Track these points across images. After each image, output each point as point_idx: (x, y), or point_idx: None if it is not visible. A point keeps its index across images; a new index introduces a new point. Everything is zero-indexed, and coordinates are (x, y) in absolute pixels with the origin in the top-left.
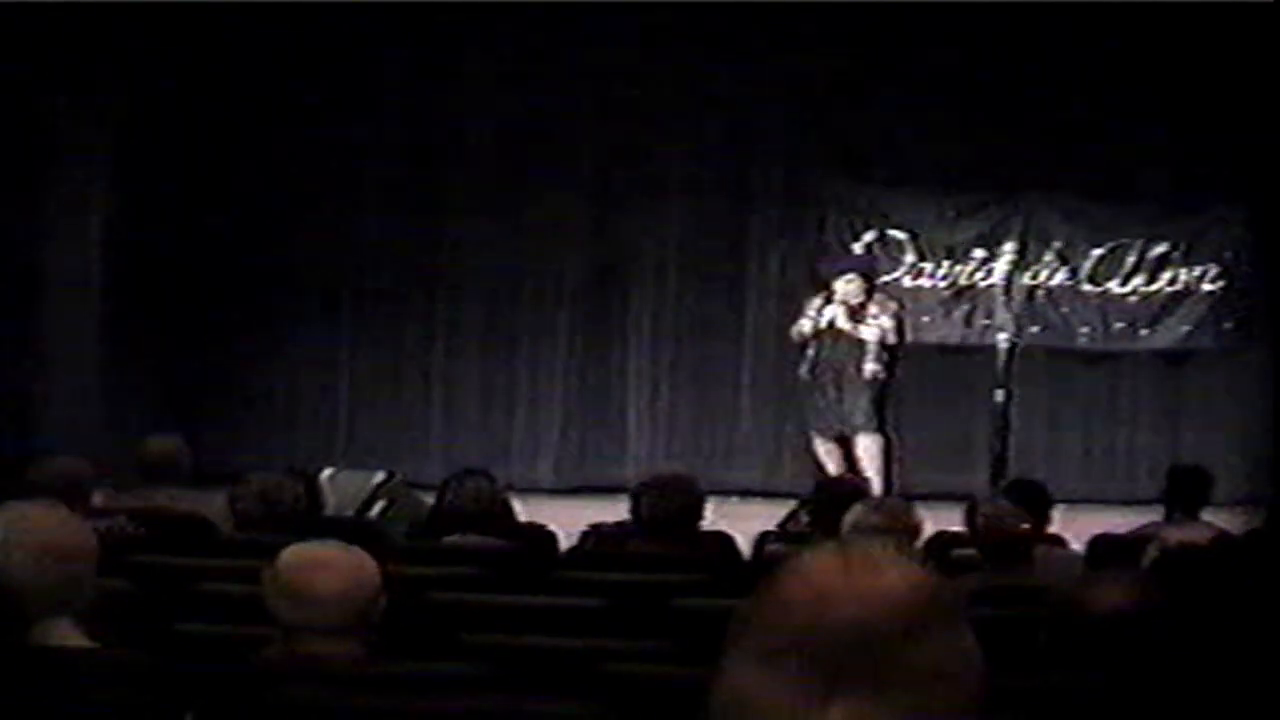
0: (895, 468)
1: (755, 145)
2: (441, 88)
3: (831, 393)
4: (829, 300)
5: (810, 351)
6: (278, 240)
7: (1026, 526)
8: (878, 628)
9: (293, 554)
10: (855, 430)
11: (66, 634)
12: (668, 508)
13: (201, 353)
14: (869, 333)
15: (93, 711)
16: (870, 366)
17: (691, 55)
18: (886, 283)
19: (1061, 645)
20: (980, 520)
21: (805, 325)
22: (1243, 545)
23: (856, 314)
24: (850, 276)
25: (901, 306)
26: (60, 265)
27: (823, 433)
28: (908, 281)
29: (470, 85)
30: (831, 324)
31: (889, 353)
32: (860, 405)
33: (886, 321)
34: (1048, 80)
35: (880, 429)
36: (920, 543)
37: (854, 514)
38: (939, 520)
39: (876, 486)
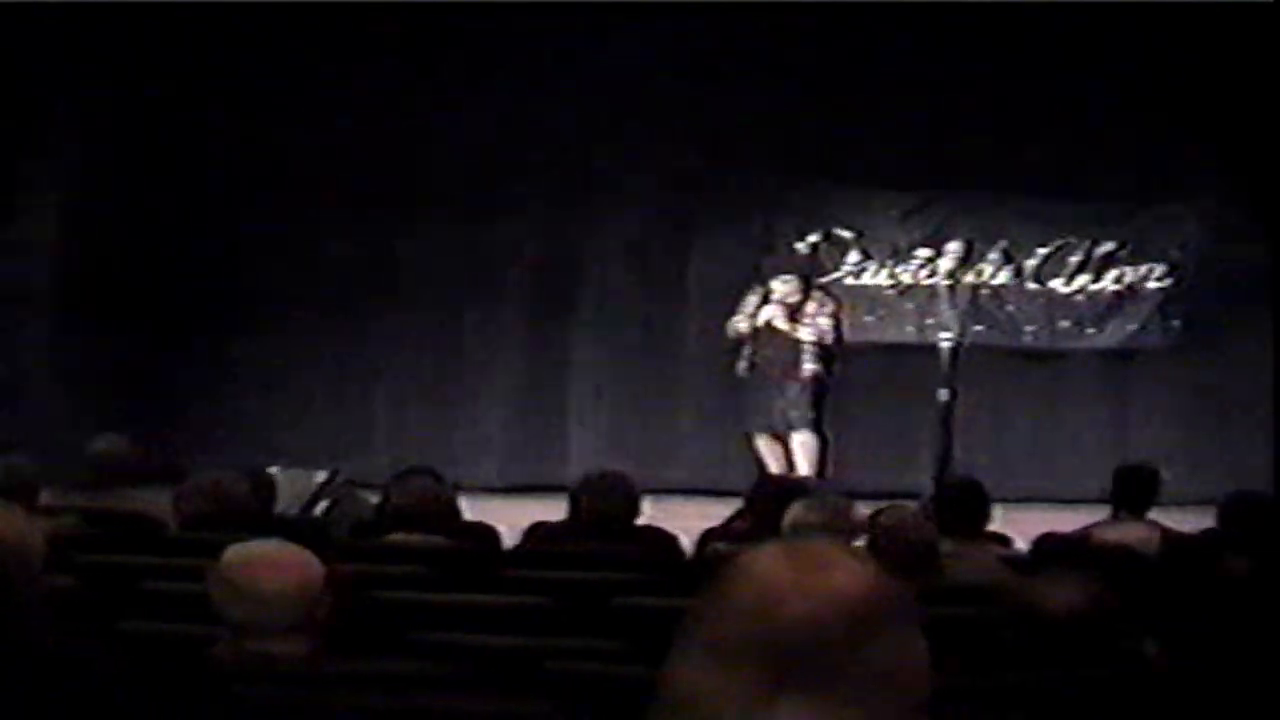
0: (830, 466)
1: (701, 144)
2: (391, 91)
3: (769, 391)
4: (766, 299)
5: (748, 350)
6: (226, 242)
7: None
8: (826, 626)
9: (236, 553)
10: (791, 428)
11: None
12: (605, 507)
13: (149, 353)
14: (807, 333)
15: (44, 710)
16: (809, 366)
17: (639, 58)
18: (831, 282)
19: (1014, 644)
20: (879, 528)
21: (741, 324)
22: (1194, 545)
23: (794, 314)
24: (787, 277)
25: (840, 307)
26: (9, 268)
27: (762, 431)
28: (852, 280)
29: (419, 89)
30: (769, 324)
31: (827, 352)
32: (797, 404)
33: (824, 322)
34: (992, 79)
35: (817, 428)
36: (861, 541)
37: (793, 512)
38: None
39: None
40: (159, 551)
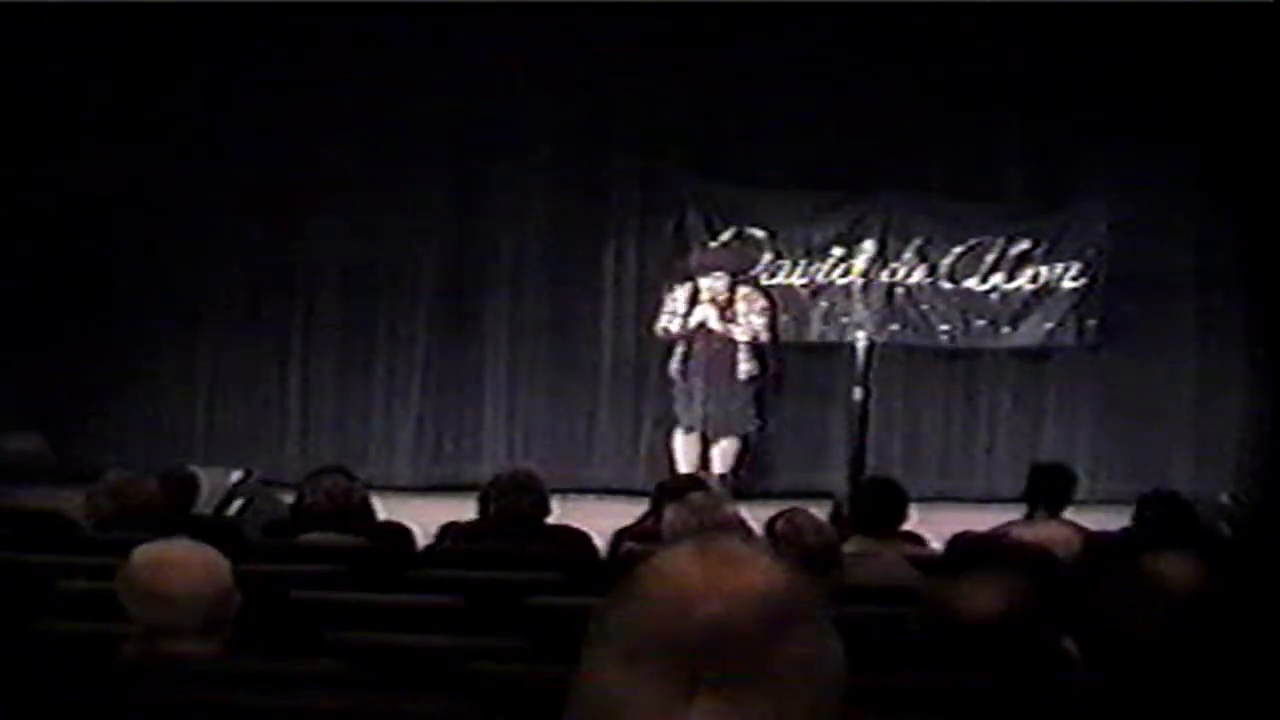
0: (745, 469)
1: (612, 142)
2: (297, 85)
3: (703, 393)
4: (695, 296)
5: (680, 349)
6: (135, 239)
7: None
8: (739, 626)
9: (143, 555)
10: (720, 432)
11: None
12: (515, 506)
13: (62, 352)
14: (741, 333)
15: None
16: (745, 367)
17: (548, 53)
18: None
19: (932, 644)
20: (778, 530)
21: (673, 324)
22: (1115, 544)
23: (726, 313)
24: (718, 274)
25: (773, 304)
26: None
27: (689, 431)
28: (765, 279)
29: (327, 82)
30: (703, 325)
31: (761, 352)
32: (732, 407)
33: (757, 320)
34: (907, 78)
35: (745, 432)
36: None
37: (669, 514)
38: None
39: (717, 482)
40: (71, 551)
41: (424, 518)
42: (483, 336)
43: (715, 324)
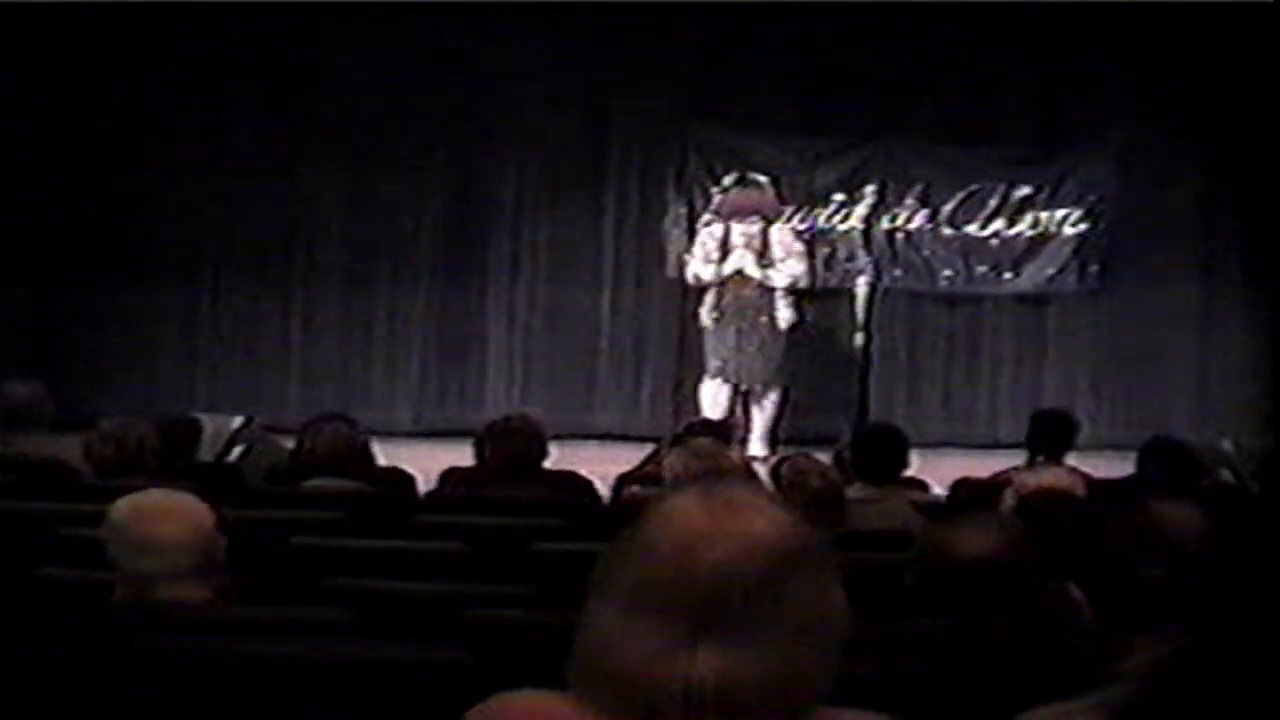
0: (785, 419)
1: (613, 88)
2: (296, 34)
3: (737, 341)
4: (726, 242)
5: (711, 297)
6: (137, 185)
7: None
8: (744, 573)
9: (127, 505)
10: (764, 383)
11: None
12: (512, 451)
13: (62, 298)
14: (780, 279)
15: None
16: (785, 314)
17: (545, 2)
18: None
19: (927, 590)
20: (783, 476)
21: (705, 271)
22: (1121, 490)
23: (762, 259)
24: (753, 219)
25: (810, 248)
26: None
27: (727, 380)
28: None
29: (325, 29)
30: (740, 271)
31: (799, 298)
32: (771, 357)
33: (797, 266)
34: (909, 22)
35: (788, 380)
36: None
37: (671, 460)
38: None
39: (761, 436)
40: (71, 498)
41: (425, 463)
42: (484, 282)
43: (753, 270)
